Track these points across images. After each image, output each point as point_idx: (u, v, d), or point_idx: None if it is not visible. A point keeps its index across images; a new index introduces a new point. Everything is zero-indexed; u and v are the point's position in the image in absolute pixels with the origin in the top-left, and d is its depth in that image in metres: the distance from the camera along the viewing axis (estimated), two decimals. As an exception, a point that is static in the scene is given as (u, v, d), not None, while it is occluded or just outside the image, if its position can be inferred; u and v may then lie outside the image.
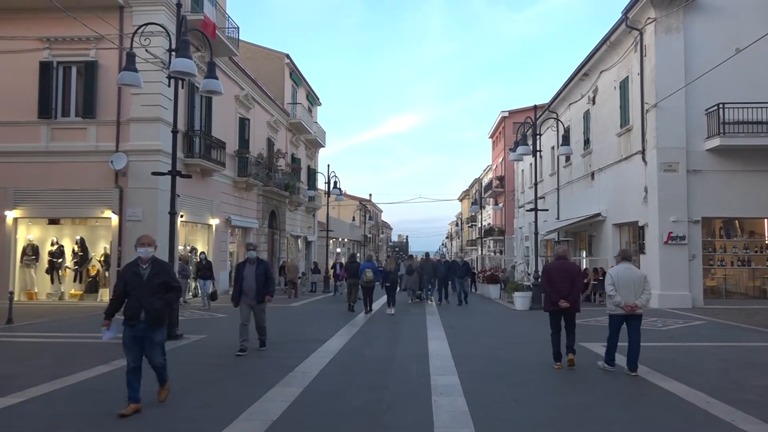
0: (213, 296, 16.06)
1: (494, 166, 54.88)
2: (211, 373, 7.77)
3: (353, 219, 51.67)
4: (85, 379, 7.32)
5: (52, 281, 19.06)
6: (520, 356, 9.30)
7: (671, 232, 16.91)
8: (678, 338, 10.99)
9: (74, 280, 19.25)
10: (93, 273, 19.16)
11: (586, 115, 23.70)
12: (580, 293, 8.43)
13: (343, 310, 17.45)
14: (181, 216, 18.53)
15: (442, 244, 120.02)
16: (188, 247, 20.74)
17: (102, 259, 18.97)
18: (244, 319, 9.54)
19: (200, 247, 21.83)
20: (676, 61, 17.00)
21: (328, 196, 30.76)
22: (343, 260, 24.87)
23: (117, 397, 6.35)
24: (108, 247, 18.56)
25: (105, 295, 18.50)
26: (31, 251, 18.75)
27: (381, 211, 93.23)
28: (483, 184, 58.99)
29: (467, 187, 77.56)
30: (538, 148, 19.32)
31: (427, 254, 22.84)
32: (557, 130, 22.97)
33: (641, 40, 17.87)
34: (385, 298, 18.50)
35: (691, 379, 7.26)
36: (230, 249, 24.76)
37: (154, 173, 12.68)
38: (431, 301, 20.93)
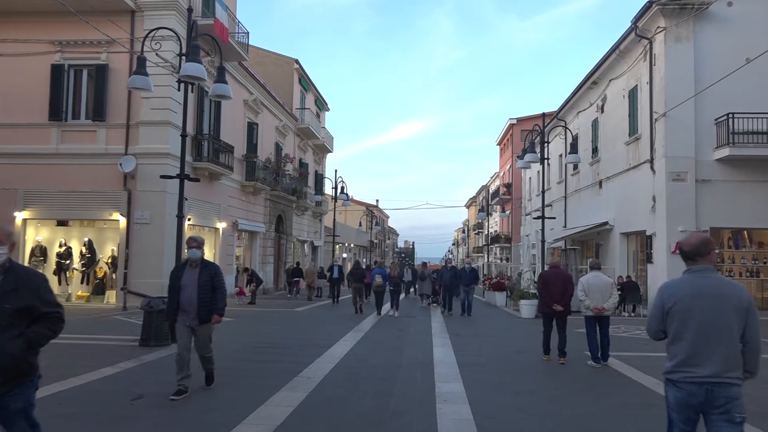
0: None
1: (501, 174, 54.79)
2: (217, 377, 7.76)
3: (360, 224, 51.64)
4: (91, 381, 7.35)
5: (60, 282, 19.15)
6: (527, 364, 9.26)
7: (679, 242, 16.81)
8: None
9: (81, 282, 19.34)
10: (100, 275, 19.25)
11: (595, 124, 23.65)
12: (572, 297, 9.53)
13: (347, 314, 17.61)
14: (189, 219, 18.58)
15: (448, 251, 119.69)
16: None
17: (109, 261, 19.06)
18: (182, 349, 6.72)
19: (207, 251, 21.87)
20: (685, 71, 16.94)
21: (335, 201, 30.83)
22: (343, 263, 25.01)
23: (123, 400, 6.38)
24: (116, 249, 18.64)
25: (112, 297, 18.58)
26: (40, 252, 18.86)
27: (388, 217, 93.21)
28: (490, 191, 58.89)
29: (474, 194, 77.45)
30: (545, 156, 19.29)
31: (424, 263, 23.97)
32: (565, 138, 22.94)
33: (651, 49, 17.83)
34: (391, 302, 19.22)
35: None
36: (237, 253, 24.82)
37: (162, 176, 12.73)
38: (442, 308, 19.60)
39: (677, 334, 3.45)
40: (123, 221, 17.82)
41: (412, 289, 30.09)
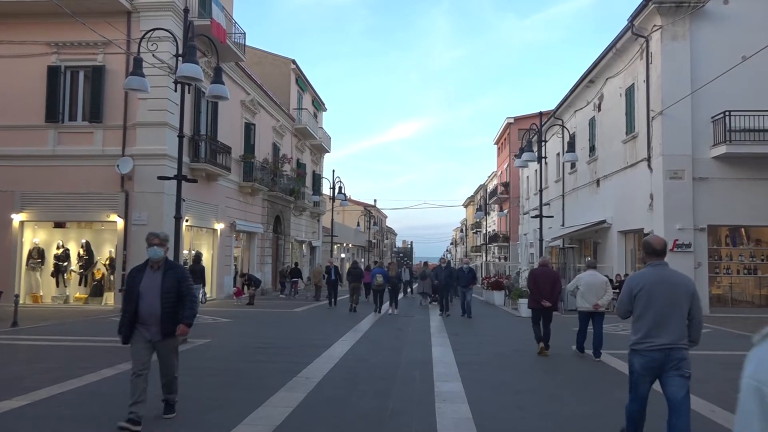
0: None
1: (499, 173, 54.86)
2: (215, 378, 7.78)
3: (358, 224, 51.61)
4: (90, 383, 7.34)
5: (57, 284, 19.12)
6: (526, 363, 9.27)
7: (677, 240, 16.84)
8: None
9: (79, 284, 19.31)
10: (98, 276, 19.22)
11: (592, 122, 23.69)
12: (559, 294, 10.31)
13: (346, 314, 17.77)
14: (187, 220, 18.58)
15: (447, 250, 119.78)
16: (193, 252, 20.72)
17: (107, 262, 19.04)
18: (138, 368, 5.46)
19: (205, 252, 21.85)
20: (682, 69, 16.99)
21: (333, 201, 30.84)
22: (343, 264, 25.07)
23: (122, 401, 6.37)
24: (113, 250, 18.62)
25: (110, 299, 18.55)
26: (37, 254, 18.83)
27: (386, 217, 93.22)
28: (488, 191, 58.96)
29: (472, 194, 77.52)
30: (543, 155, 19.33)
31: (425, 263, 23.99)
32: (562, 137, 22.96)
33: (647, 47, 17.86)
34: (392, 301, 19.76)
35: (696, 388, 7.18)
36: (235, 254, 24.81)
37: (159, 177, 12.71)
38: (439, 310, 18.67)
39: (642, 313, 4.43)
40: (120, 223, 17.80)
41: (409, 289, 30.18)
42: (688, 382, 4.27)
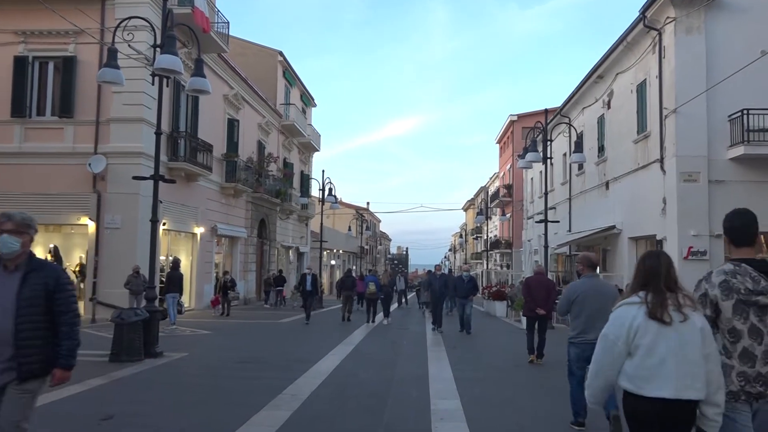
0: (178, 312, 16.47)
1: (501, 174, 54.98)
2: (193, 395, 7.74)
3: (349, 229, 51.69)
4: (58, 400, 7.27)
5: (23, 293, 18.98)
6: (528, 379, 9.28)
7: (691, 247, 16.90)
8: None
9: (47, 292, 19.17)
10: (67, 284, 19.08)
11: (601, 120, 23.79)
12: (554, 302, 10.80)
13: (336, 325, 17.75)
14: (164, 224, 18.49)
15: (445, 257, 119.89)
16: (170, 258, 20.63)
17: (77, 269, 18.93)
18: None
19: (183, 258, 21.77)
20: (697, 64, 17.06)
21: (323, 203, 30.82)
22: (333, 272, 25.04)
23: (92, 420, 6.33)
24: (84, 256, 18.52)
25: (80, 308, 18.41)
26: (1, 260, 18.69)
27: (379, 221, 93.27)
28: (489, 193, 59.10)
29: (472, 196, 77.65)
30: (548, 155, 19.38)
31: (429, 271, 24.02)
32: (569, 136, 23.04)
33: (660, 40, 17.96)
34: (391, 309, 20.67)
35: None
36: (216, 260, 24.73)
37: (135, 177, 12.69)
38: (432, 325, 17.40)
39: (578, 315, 6.26)
40: (92, 226, 17.71)
41: (404, 299, 30.25)
42: None
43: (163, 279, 17.39)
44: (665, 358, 2.89)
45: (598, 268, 6.32)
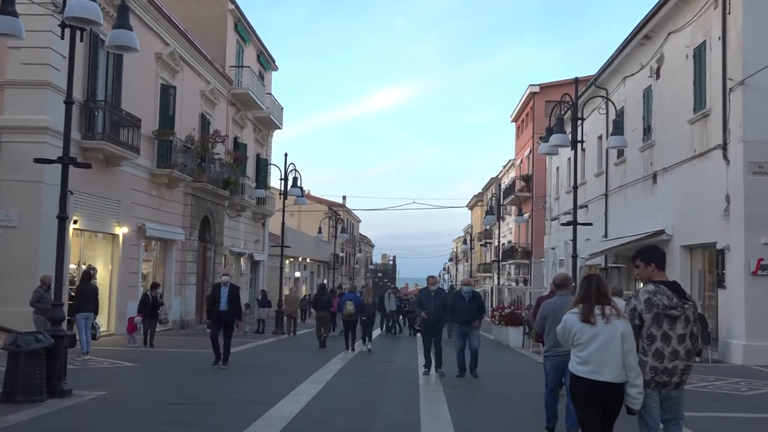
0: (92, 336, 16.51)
1: (518, 162, 55.24)
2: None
3: (320, 231, 51.46)
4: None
5: None
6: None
7: (761, 259, 17.02)
8: (768, 407, 11.08)
9: None
10: (-54, 300, 18.90)
11: (647, 94, 23.93)
12: None
13: (304, 353, 17.85)
14: (75, 222, 18.39)
15: (444, 269, 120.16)
16: (83, 266, 20.49)
17: (-41, 280, 18.72)
18: None
19: (100, 267, 21.62)
20: (771, 23, 17.18)
21: (285, 197, 30.68)
22: (299, 286, 25.29)
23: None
24: (-32, 263, 18.33)
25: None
26: None
27: (359, 221, 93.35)
28: (502, 187, 59.32)
29: (480, 191, 77.96)
30: (579, 138, 19.42)
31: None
32: (606, 114, 23.13)
33: (724, -9, 18.08)
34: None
35: None
36: (144, 269, 24.57)
37: (37, 160, 12.55)
38: (424, 366, 15.16)
39: (549, 330, 8.16)
40: (-20, 223, 17.55)
41: (396, 324, 30.32)
42: None
43: (73, 294, 17.25)
44: (593, 352, 5.34)
45: (571, 286, 9.07)
